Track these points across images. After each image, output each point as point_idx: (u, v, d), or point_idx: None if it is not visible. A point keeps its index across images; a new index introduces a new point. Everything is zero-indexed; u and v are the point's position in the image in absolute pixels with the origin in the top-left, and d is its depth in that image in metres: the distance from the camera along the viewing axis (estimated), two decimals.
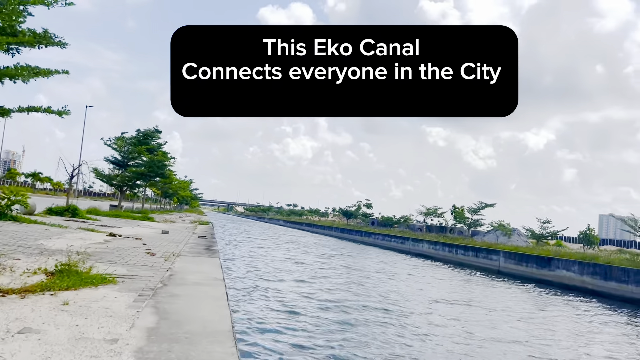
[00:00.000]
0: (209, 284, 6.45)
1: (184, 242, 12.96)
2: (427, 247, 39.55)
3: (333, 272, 20.29)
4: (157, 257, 8.81)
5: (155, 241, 12.15)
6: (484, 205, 45.32)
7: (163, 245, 11.14)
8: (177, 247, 10.99)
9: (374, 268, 23.98)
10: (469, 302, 15.78)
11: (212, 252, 10.90)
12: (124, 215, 23.84)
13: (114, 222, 18.54)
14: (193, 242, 13.10)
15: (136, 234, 13.67)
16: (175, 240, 13.03)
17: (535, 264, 25.65)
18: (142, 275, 6.62)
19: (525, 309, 15.63)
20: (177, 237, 14.30)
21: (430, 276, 23.98)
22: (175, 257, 9.13)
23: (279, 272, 18.58)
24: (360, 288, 16.36)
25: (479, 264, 30.87)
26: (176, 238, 13.96)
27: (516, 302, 17.20)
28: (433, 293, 17.38)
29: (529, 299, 18.99)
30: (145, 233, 14.67)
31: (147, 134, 29.37)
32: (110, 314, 4.24)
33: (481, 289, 20.63)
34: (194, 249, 11.09)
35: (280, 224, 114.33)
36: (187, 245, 12.06)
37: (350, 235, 62.60)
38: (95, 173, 27.61)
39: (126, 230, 15.21)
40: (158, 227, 18.98)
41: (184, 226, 22.77)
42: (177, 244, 11.89)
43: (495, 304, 15.93)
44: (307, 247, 37.67)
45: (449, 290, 18.86)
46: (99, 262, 7.36)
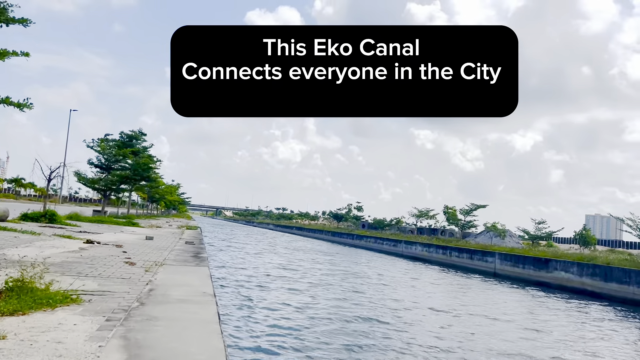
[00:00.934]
0: (197, 301, 5.32)
1: (170, 248, 12.02)
2: (421, 250, 38.81)
3: (331, 278, 19.34)
4: (137, 268, 7.67)
5: (137, 248, 11.23)
6: (476, 207, 44.89)
7: (146, 253, 10.25)
8: (161, 255, 10.12)
9: (370, 274, 22.83)
10: (470, 310, 14.94)
11: (200, 259, 9.97)
12: (107, 221, 23.18)
13: (95, 228, 17.66)
14: (179, 249, 12.16)
15: (117, 241, 12.75)
16: (160, 247, 12.07)
17: (533, 266, 25.27)
18: (115, 291, 5.45)
19: (531, 316, 14.75)
20: (162, 244, 13.31)
21: (426, 281, 23.09)
22: (159, 266, 8.04)
23: (274, 282, 17.43)
24: (362, 298, 15.18)
25: (474, 266, 30.25)
26: (161, 244, 13.01)
27: (517, 308, 16.54)
28: (433, 301, 16.50)
29: (531, 303, 18.27)
30: (127, 239, 13.71)
31: (131, 136, 28.11)
32: (60, 354, 3.07)
33: (479, 294, 20.10)
34: (180, 257, 10.21)
35: (270, 227, 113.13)
36: (172, 252, 11.14)
37: (342, 239, 61.70)
38: (77, 177, 26.03)
39: (107, 236, 14.25)
40: (143, 232, 17.99)
41: (170, 231, 21.72)
42: (162, 251, 10.98)
43: (496, 310, 15.26)
44: (298, 251, 36.53)
45: (448, 297, 18.18)
46: (66, 275, 6.18)
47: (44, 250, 8.83)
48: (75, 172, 26.32)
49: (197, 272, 7.81)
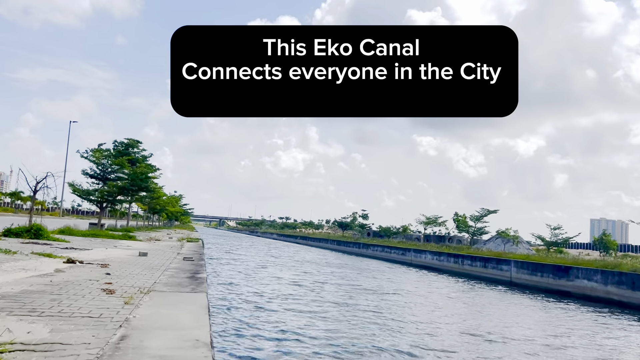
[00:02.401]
0: (185, 359, 3.55)
1: (163, 267, 10.52)
2: (431, 258, 37.29)
3: (358, 313, 15.28)
4: (115, 297, 6.37)
5: (125, 268, 9.83)
6: (487, 212, 43.40)
7: (133, 275, 8.84)
8: (151, 277, 8.67)
9: (387, 289, 20.79)
10: (498, 331, 13.74)
11: (197, 282, 8.44)
12: (102, 235, 21.65)
13: (86, 243, 16.12)
14: (175, 268, 10.63)
15: (105, 259, 11.33)
16: (153, 266, 10.57)
17: (552, 274, 24.30)
18: (68, 343, 3.80)
19: (568, 333, 13.05)
20: (155, 261, 11.78)
21: (442, 293, 21.32)
22: (144, 294, 6.67)
23: (290, 315, 13.93)
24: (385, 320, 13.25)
25: (488, 275, 28.83)
26: (154, 262, 11.50)
27: (548, 324, 15.50)
28: (453, 319, 15.36)
29: (560, 315, 16.53)
30: (117, 256, 12.27)
31: (127, 145, 26.69)
32: None
33: (501, 307, 18.85)
34: (174, 278, 8.76)
35: (274, 237, 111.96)
36: (166, 272, 9.63)
37: (347, 248, 60.31)
38: (72, 188, 24.45)
39: (95, 253, 12.77)
40: (138, 247, 16.54)
41: (169, 245, 20.15)
42: (153, 272, 9.54)
43: (529, 331, 14.07)
44: (307, 263, 34.43)
45: (469, 313, 17.05)
46: (12, 315, 4.58)
47: (8, 275, 7.17)
48: (70, 184, 24.89)
49: (191, 303, 6.19)
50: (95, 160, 25.73)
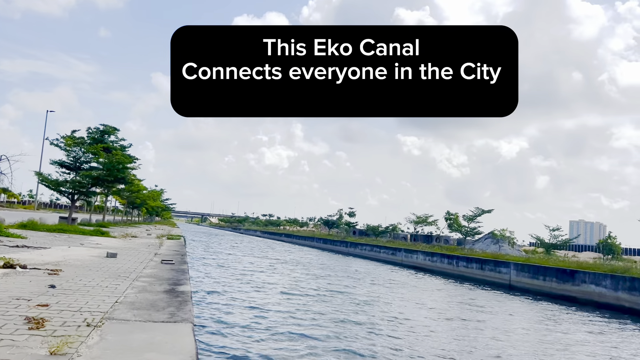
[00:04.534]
0: None
1: (134, 274, 8.57)
2: (423, 259, 37.82)
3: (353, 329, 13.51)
4: (38, 337, 3.95)
5: (82, 276, 7.75)
6: (481, 212, 44.00)
7: (89, 289, 6.52)
8: (113, 292, 6.45)
9: (385, 297, 20.28)
10: (506, 343, 13.09)
11: (179, 300, 6.21)
12: (70, 230, 19.99)
13: (48, 240, 14.69)
14: (149, 275, 8.68)
15: (61, 261, 9.51)
16: (120, 272, 8.65)
17: (556, 278, 24.36)
18: None
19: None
20: (125, 265, 10.00)
21: (441, 298, 21.51)
22: (93, 329, 4.35)
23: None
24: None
25: (485, 277, 29.31)
26: (124, 267, 9.64)
27: (563, 335, 14.87)
28: (453, 327, 14.80)
29: (578, 325, 16.73)
30: (78, 258, 10.51)
31: (103, 132, 26.01)
32: None
33: (505, 313, 18.55)
34: (147, 294, 6.52)
35: (258, 235, 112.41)
36: (136, 283, 7.49)
37: (334, 247, 60.81)
38: (39, 178, 23.79)
39: (51, 253, 10.91)
40: (109, 245, 15.11)
41: (146, 243, 18.73)
42: (119, 282, 7.45)
43: (541, 345, 13.41)
44: (297, 265, 34.10)
45: (474, 321, 16.26)
46: None
47: None
48: (37, 173, 24.05)
49: (169, 349, 3.95)
50: (67, 147, 24.74)
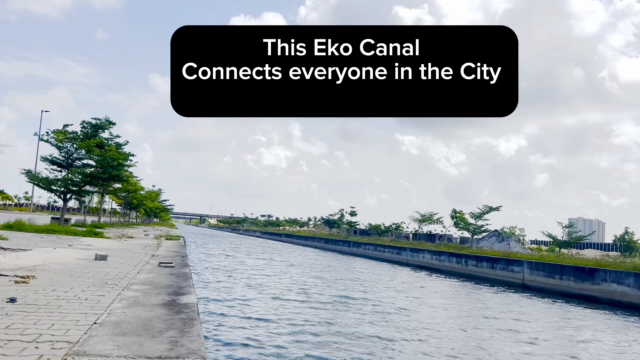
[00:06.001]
0: None
1: (125, 281, 7.27)
2: (430, 258, 38.05)
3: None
4: None
5: (58, 284, 6.47)
6: (488, 209, 44.17)
7: (60, 302, 5.19)
8: (92, 308, 4.97)
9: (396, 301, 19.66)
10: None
11: (182, 318, 4.70)
12: (60, 231, 19.29)
13: (33, 242, 13.98)
14: (144, 282, 7.36)
15: (38, 265, 8.41)
16: (108, 279, 7.41)
17: (573, 276, 24.24)
18: None
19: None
20: (116, 269, 8.80)
21: (461, 300, 21.30)
22: None
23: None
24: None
25: (496, 276, 29.51)
26: (114, 271, 8.46)
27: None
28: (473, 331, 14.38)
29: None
30: (61, 261, 9.40)
31: (96, 126, 25.69)
32: None
33: (527, 314, 18.25)
34: (139, 309, 5.03)
35: (257, 235, 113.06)
36: (126, 293, 6.07)
37: (336, 246, 61.19)
38: (28, 177, 23.39)
39: (31, 256, 9.91)
40: (100, 247, 14.34)
41: (143, 244, 17.88)
42: (105, 292, 6.07)
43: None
44: (303, 267, 33.81)
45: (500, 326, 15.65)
46: None
47: None
48: (26, 171, 23.74)
49: None
50: (58, 144, 24.28)
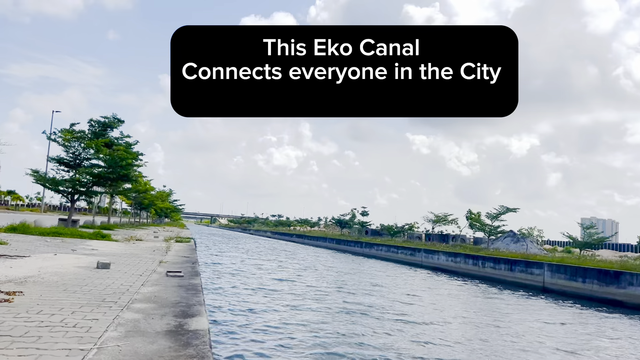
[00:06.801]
0: None
1: (127, 295, 6.58)
2: (445, 260, 37.92)
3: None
4: None
5: (45, 302, 5.75)
6: (505, 210, 43.99)
7: (41, 331, 4.48)
8: (80, 340, 4.25)
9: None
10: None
11: (190, 355, 3.94)
12: (66, 233, 19.02)
13: (34, 246, 13.39)
14: (148, 297, 6.51)
15: (31, 276, 7.66)
16: (107, 293, 6.62)
17: (597, 280, 24.02)
18: None
19: None
20: (118, 280, 8.02)
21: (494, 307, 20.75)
22: None
23: None
24: None
25: (515, 279, 29.35)
26: (115, 282, 7.72)
27: None
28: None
29: None
30: (59, 270, 8.65)
31: (104, 124, 25.78)
32: None
33: (556, 321, 17.72)
34: (137, 341, 4.31)
35: (268, 235, 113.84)
36: (124, 314, 5.39)
37: (348, 247, 61.31)
38: (35, 177, 23.40)
39: (25, 264, 9.13)
40: (106, 251, 13.78)
41: (151, 247, 17.17)
42: (99, 312, 5.40)
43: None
44: (319, 270, 33.28)
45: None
46: None
47: None
48: (33, 171, 23.33)
49: None
50: (65, 143, 23.97)
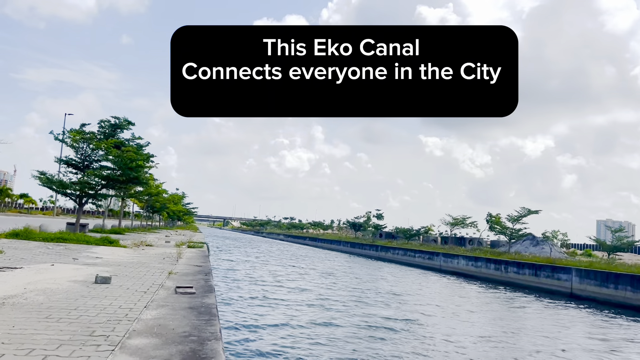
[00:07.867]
0: None
1: (123, 325, 5.30)
2: (465, 264, 37.77)
3: None
4: None
5: (16, 336, 4.52)
6: (527, 212, 43.63)
7: None
8: None
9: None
10: None
11: None
12: (71, 239, 18.10)
13: (32, 255, 12.40)
14: (149, 328, 5.19)
15: (14, 295, 6.66)
16: (98, 323, 5.30)
17: (630, 286, 23.58)
18: None
19: None
20: (116, 300, 6.78)
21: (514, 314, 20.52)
22: None
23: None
24: None
25: (540, 284, 29.16)
26: (112, 304, 6.49)
27: None
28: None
29: None
30: (47, 287, 7.54)
31: (114, 125, 25.86)
32: None
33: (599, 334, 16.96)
34: None
35: (281, 238, 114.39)
36: (116, 358, 4.01)
37: (363, 251, 61.42)
38: (41, 180, 23.27)
39: (12, 278, 8.14)
40: (110, 260, 12.89)
41: (161, 254, 16.11)
42: (81, 356, 4.01)
43: None
44: (335, 276, 32.95)
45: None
46: None
47: None
48: (40, 173, 22.69)
49: None
50: (74, 144, 23.47)
